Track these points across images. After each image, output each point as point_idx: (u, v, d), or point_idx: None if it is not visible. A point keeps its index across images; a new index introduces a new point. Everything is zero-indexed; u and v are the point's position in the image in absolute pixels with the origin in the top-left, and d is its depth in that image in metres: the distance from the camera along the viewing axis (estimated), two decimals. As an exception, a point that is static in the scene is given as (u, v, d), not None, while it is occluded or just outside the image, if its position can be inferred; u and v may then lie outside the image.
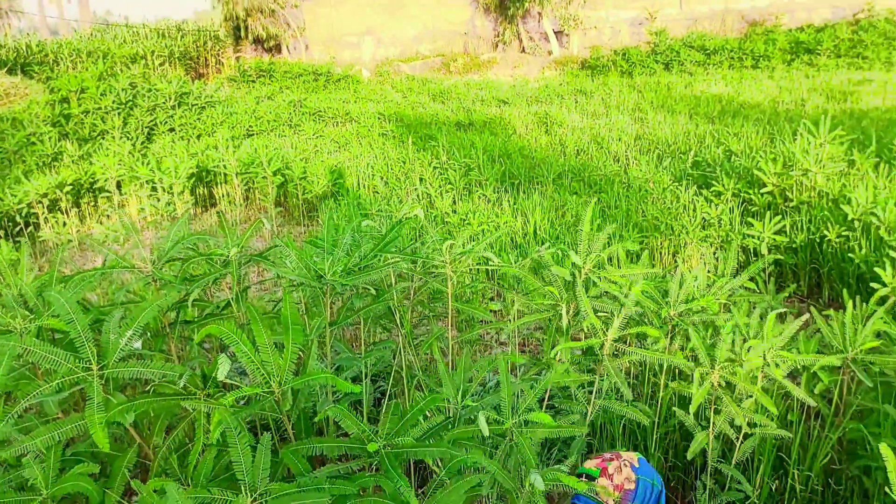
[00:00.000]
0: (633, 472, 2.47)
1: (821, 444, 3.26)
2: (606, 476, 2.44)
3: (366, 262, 3.05)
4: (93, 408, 2.06)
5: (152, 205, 8.16)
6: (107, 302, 3.59)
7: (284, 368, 2.12)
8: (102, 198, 8.89)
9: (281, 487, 1.95)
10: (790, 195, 6.75)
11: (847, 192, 6.24)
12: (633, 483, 2.44)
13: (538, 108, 14.38)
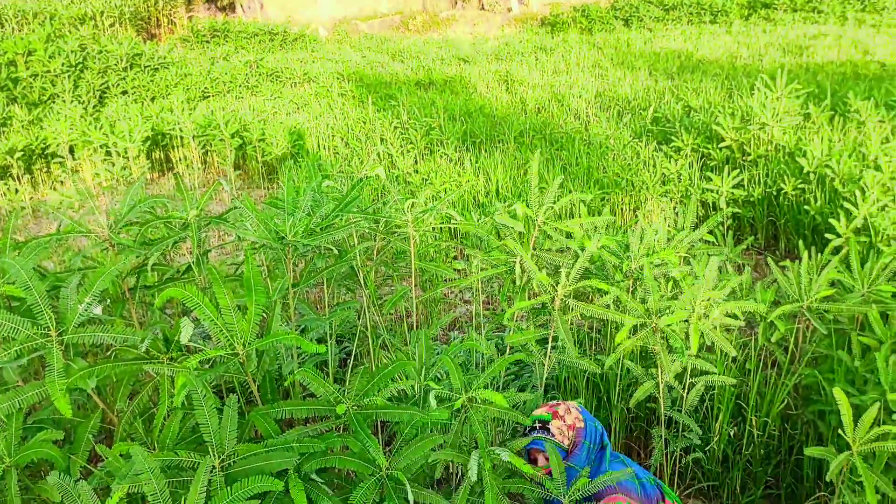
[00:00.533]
0: (580, 413, 2.59)
1: (777, 390, 3.36)
2: (558, 418, 2.54)
3: (327, 222, 3.03)
4: (53, 374, 2.03)
5: (107, 169, 7.98)
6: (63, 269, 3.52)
7: (248, 330, 2.11)
8: (55, 163, 8.66)
9: (248, 448, 1.96)
10: (748, 149, 6.84)
11: (803, 145, 6.34)
12: (583, 422, 2.56)
13: (499, 67, 14.28)
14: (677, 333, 2.86)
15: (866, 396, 2.89)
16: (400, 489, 2.11)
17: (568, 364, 3.12)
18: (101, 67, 11.80)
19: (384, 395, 2.23)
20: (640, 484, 2.42)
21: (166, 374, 2.14)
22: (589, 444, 2.52)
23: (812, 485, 3.21)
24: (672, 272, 3.28)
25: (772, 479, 3.40)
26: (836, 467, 2.45)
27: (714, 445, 3.33)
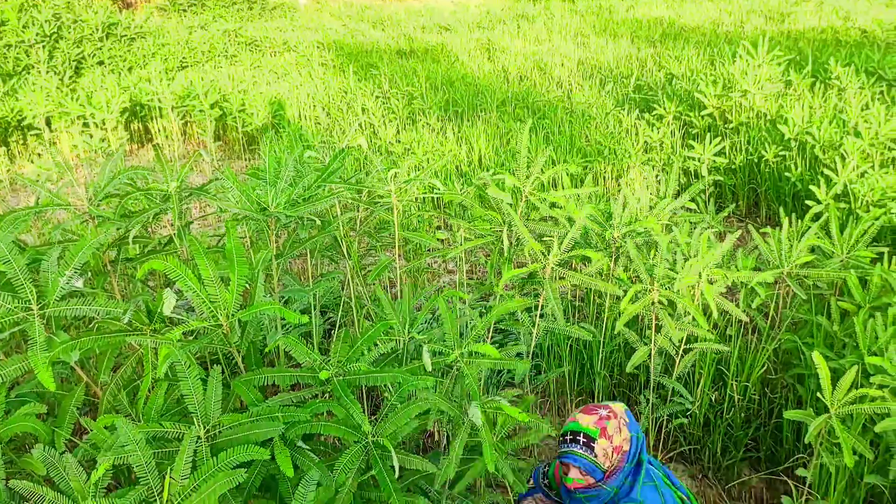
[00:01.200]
0: (629, 430, 2.28)
1: (757, 355, 3.41)
2: (606, 437, 2.22)
3: (310, 192, 3.00)
4: (35, 348, 2.02)
5: (85, 141, 7.87)
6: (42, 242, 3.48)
7: (231, 301, 2.10)
8: (32, 136, 8.52)
9: (234, 418, 1.96)
10: (730, 117, 6.85)
11: (784, 112, 6.35)
12: (629, 442, 2.26)
13: (480, 35, 14.17)
14: (687, 300, 2.90)
15: (844, 360, 2.93)
16: (386, 455, 2.13)
17: (558, 331, 3.15)
18: (77, 37, 11.56)
19: (368, 359, 2.24)
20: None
21: (149, 345, 2.14)
22: (628, 466, 2.27)
23: (791, 447, 3.27)
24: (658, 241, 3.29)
25: (752, 442, 3.46)
26: (815, 429, 2.50)
27: (696, 410, 3.38)
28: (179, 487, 1.76)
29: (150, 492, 1.76)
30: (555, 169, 3.40)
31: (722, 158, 5.74)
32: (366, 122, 8.09)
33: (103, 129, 8.40)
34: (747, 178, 6.11)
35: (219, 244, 3.72)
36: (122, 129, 8.63)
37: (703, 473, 3.40)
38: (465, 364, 2.40)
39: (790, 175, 5.56)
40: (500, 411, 2.37)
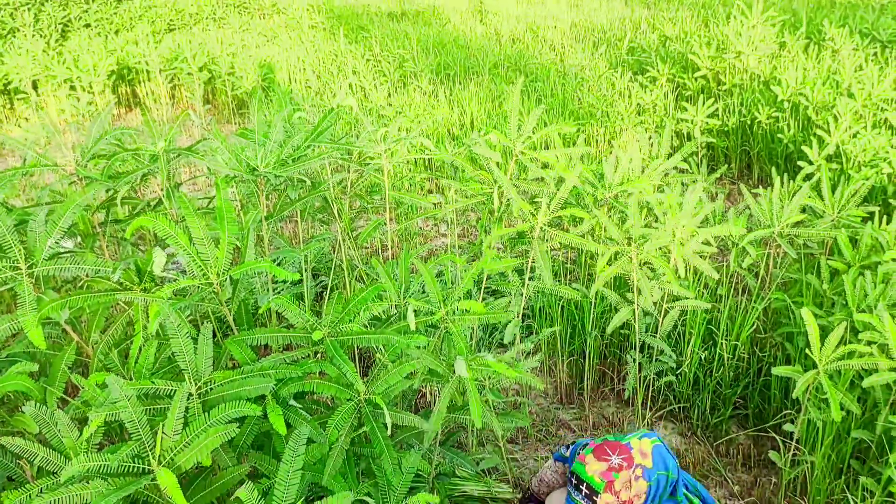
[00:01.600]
0: (646, 480, 2.06)
1: (747, 315, 3.43)
2: (612, 492, 2.03)
3: (299, 152, 2.98)
4: (25, 307, 2.01)
5: (73, 105, 7.77)
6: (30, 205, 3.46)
7: (221, 258, 2.09)
8: (18, 100, 8.42)
9: (225, 375, 1.96)
10: (723, 79, 6.81)
11: (778, 73, 6.32)
12: (644, 494, 2.06)
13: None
14: (660, 260, 2.89)
15: (833, 318, 2.95)
16: (379, 414, 2.14)
17: (547, 292, 3.15)
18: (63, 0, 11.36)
19: (361, 321, 2.24)
20: None
21: (140, 304, 2.13)
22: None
23: (779, 404, 3.31)
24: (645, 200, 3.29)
25: (740, 399, 3.50)
26: (803, 385, 2.52)
27: (685, 369, 3.41)
28: (171, 443, 1.77)
29: (142, 447, 1.77)
30: (546, 130, 3.38)
31: (715, 120, 5.71)
32: (356, 84, 8.01)
33: (90, 92, 8.30)
34: (740, 140, 6.09)
35: (208, 206, 3.70)
36: (110, 92, 8.53)
37: (692, 431, 3.43)
38: (451, 322, 2.40)
39: (783, 136, 5.54)
40: (487, 368, 2.38)
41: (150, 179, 3.63)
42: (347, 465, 2.23)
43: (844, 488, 2.78)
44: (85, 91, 8.26)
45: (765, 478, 3.14)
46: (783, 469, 2.86)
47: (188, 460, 1.73)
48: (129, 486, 1.66)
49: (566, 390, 3.76)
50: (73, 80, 8.21)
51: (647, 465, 2.07)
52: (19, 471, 2.22)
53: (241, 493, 1.76)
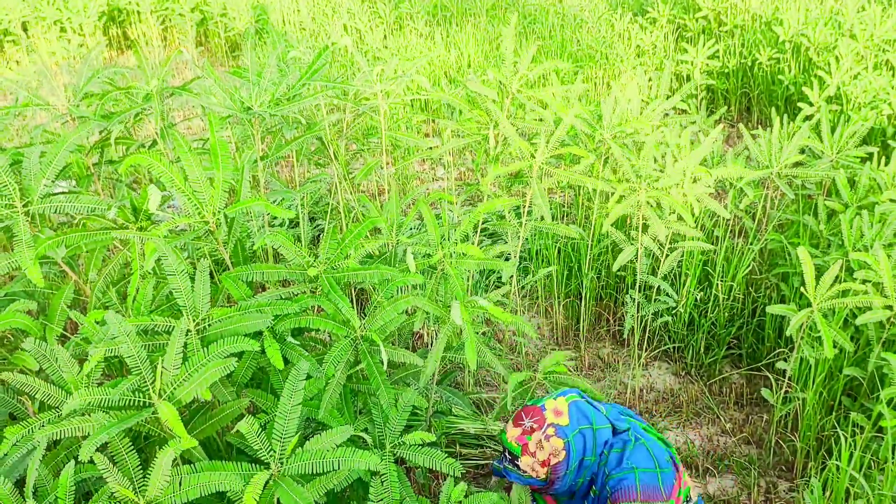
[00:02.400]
0: (561, 438, 2.10)
1: (743, 256, 3.44)
2: (528, 454, 2.11)
3: (294, 91, 2.94)
4: (22, 245, 2.01)
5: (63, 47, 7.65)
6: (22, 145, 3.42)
7: (217, 196, 2.08)
8: (9, 42, 8.27)
9: (223, 312, 1.97)
10: (725, 19, 6.70)
11: (780, 14, 6.22)
12: (563, 452, 2.10)
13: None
14: (672, 199, 2.89)
15: (829, 258, 2.97)
16: (375, 351, 2.16)
17: (546, 231, 3.15)
18: (48, -62, 11.08)
19: (356, 258, 2.24)
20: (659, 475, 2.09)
21: (136, 241, 2.13)
22: (573, 465, 2.11)
23: (773, 344, 3.34)
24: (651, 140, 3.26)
25: (734, 339, 3.53)
26: (797, 322, 2.55)
27: (681, 309, 3.43)
28: (171, 377, 1.79)
29: (142, 381, 1.79)
30: (543, 67, 3.33)
31: (715, 62, 5.64)
32: (352, 26, 7.87)
33: (81, 34, 8.16)
34: (740, 81, 6.03)
35: (203, 147, 3.66)
36: (101, 34, 8.38)
37: (686, 371, 3.48)
38: (449, 264, 2.41)
39: (783, 78, 5.49)
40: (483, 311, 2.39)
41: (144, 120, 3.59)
42: (344, 402, 2.26)
43: (835, 424, 2.83)
44: (75, 33, 8.13)
45: (756, 415, 3.19)
46: (775, 406, 2.90)
47: (188, 394, 1.75)
48: (130, 419, 1.68)
49: (563, 332, 3.79)
50: (64, 22, 8.07)
51: (561, 423, 2.12)
52: (21, 407, 2.25)
53: (241, 425, 1.79)
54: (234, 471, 1.75)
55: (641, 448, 2.12)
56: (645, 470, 2.06)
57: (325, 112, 3.80)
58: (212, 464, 1.75)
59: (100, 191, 3.19)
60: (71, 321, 2.84)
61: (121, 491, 1.65)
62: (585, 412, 2.18)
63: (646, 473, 2.06)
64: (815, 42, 5.46)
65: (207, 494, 1.69)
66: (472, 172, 5.38)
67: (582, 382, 2.56)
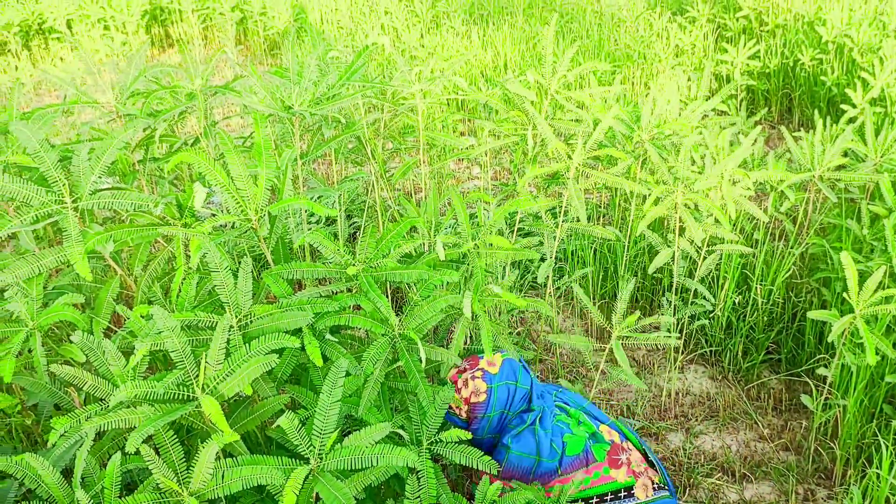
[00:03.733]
0: (486, 382, 2.43)
1: (784, 259, 3.40)
2: (456, 390, 2.43)
3: (333, 90, 2.98)
4: (71, 240, 2.06)
5: (107, 45, 7.80)
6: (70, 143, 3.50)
7: (260, 194, 2.12)
8: (53, 39, 8.46)
9: (264, 308, 2.01)
10: (766, 19, 6.61)
11: (823, 14, 6.12)
12: (483, 394, 2.42)
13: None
14: (709, 201, 2.87)
15: (872, 263, 2.92)
16: (413, 348, 2.18)
17: (581, 232, 3.14)
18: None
19: (394, 257, 2.27)
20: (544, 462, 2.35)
21: (181, 238, 2.17)
22: (493, 414, 2.43)
23: (812, 350, 3.30)
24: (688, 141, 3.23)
25: (773, 345, 3.49)
26: (839, 328, 2.51)
27: (718, 313, 3.40)
28: (214, 372, 1.82)
29: (186, 376, 1.83)
30: (581, 68, 3.32)
31: (756, 62, 5.57)
32: (389, 25, 7.91)
33: (124, 32, 8.32)
34: (781, 82, 5.94)
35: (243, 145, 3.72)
36: (143, 32, 8.53)
37: (723, 375, 3.44)
38: (476, 254, 2.42)
39: (826, 79, 5.40)
40: (498, 298, 2.41)
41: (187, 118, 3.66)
42: (382, 399, 2.28)
43: (876, 432, 2.79)
44: (119, 31, 8.28)
45: (795, 422, 3.15)
46: (815, 413, 2.87)
47: (230, 389, 1.79)
48: (175, 412, 1.71)
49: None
50: (107, 20, 8.22)
51: (490, 372, 2.44)
52: (68, 398, 2.31)
53: (282, 421, 1.82)
54: (275, 465, 1.78)
55: (527, 434, 2.39)
56: (518, 453, 2.36)
57: (363, 111, 3.83)
58: (253, 458, 1.79)
59: (143, 187, 3.25)
60: (116, 314, 2.91)
61: (165, 482, 1.69)
62: (515, 370, 2.48)
63: (518, 456, 2.36)
64: (859, 43, 5.36)
65: (248, 488, 1.73)
66: (508, 172, 5.38)
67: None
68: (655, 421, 3.20)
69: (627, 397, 3.35)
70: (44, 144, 2.17)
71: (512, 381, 2.46)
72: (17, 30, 7.99)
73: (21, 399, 2.60)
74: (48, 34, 8.50)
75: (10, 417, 2.60)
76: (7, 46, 8.04)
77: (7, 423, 2.72)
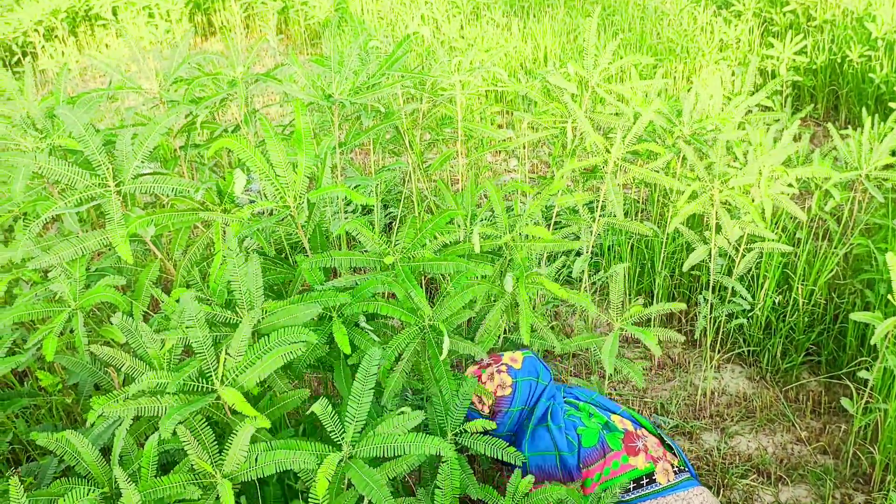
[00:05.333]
0: (510, 377, 2.42)
1: (827, 259, 3.32)
2: (479, 384, 2.41)
3: (374, 80, 2.98)
4: (113, 223, 2.10)
5: (151, 32, 7.91)
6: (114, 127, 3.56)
7: (299, 181, 2.13)
8: (99, 25, 8.61)
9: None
10: (814, 13, 6.46)
11: (873, 9, 5.96)
12: (509, 388, 2.40)
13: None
14: (744, 198, 2.81)
15: (919, 265, 2.84)
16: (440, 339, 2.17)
17: (617, 228, 3.11)
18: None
19: (431, 248, 2.26)
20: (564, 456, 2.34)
21: (220, 222, 2.19)
22: (515, 410, 2.41)
23: (854, 352, 3.23)
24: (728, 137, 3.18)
25: (813, 346, 3.42)
26: (883, 331, 2.45)
27: (757, 312, 3.34)
28: (233, 364, 1.84)
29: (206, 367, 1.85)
30: (623, 62, 3.28)
31: (802, 58, 5.44)
32: (429, 16, 7.90)
33: (168, 20, 8.42)
34: (828, 79, 5.81)
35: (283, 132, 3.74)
36: (187, 20, 8.64)
37: (761, 376, 3.39)
38: (515, 246, 2.41)
39: (874, 76, 5.26)
40: (539, 286, 2.39)
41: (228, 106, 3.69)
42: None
43: (918, 438, 2.72)
44: (163, 19, 8.39)
45: (834, 425, 3.09)
46: (855, 416, 2.81)
47: (250, 381, 1.80)
48: (196, 402, 1.74)
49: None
50: (152, 8, 8.34)
51: (514, 367, 2.44)
52: (107, 378, 2.35)
53: (315, 407, 1.83)
54: (309, 450, 1.79)
55: (542, 432, 2.38)
56: (536, 454, 2.36)
57: (401, 101, 3.84)
58: (286, 442, 1.80)
59: (184, 173, 3.30)
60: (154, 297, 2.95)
61: (199, 464, 1.72)
62: (536, 367, 2.48)
63: (538, 456, 2.35)
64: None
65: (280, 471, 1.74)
66: (546, 166, 5.35)
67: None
68: (690, 420, 3.17)
69: (662, 395, 3.31)
70: (89, 129, 2.20)
71: (533, 378, 2.45)
72: (63, 16, 8.14)
73: (62, 378, 2.66)
74: (94, 21, 8.65)
75: (51, 396, 2.67)
76: (54, 32, 8.19)
77: (48, 402, 2.79)
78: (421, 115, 3.82)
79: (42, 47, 7.95)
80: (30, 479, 2.28)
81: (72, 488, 1.71)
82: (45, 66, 7.55)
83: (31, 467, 2.35)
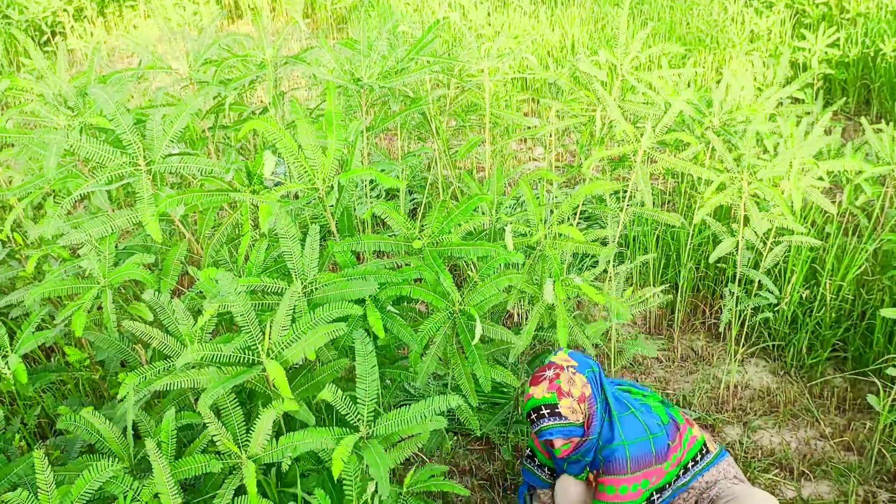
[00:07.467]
0: (581, 373, 2.19)
1: (856, 255, 3.28)
2: (565, 396, 2.13)
3: (402, 65, 2.97)
4: (143, 201, 2.11)
5: (179, 13, 7.94)
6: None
7: (328, 163, 2.13)
8: (127, 7, 8.65)
9: (329, 277, 2.02)
10: (847, 6, 6.35)
11: (909, 2, 5.86)
12: (589, 386, 2.18)
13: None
14: (773, 190, 2.78)
15: (952, 262, 2.80)
16: (472, 326, 2.17)
17: (645, 217, 3.08)
18: None
19: (457, 234, 2.26)
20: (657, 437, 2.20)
21: (249, 204, 2.20)
22: (599, 405, 2.21)
23: (882, 349, 3.19)
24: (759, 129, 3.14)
25: (840, 342, 3.38)
26: (914, 328, 2.42)
27: (784, 307, 3.31)
28: (279, 338, 1.85)
29: (251, 340, 1.86)
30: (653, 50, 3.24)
31: (835, 50, 5.36)
32: (456, 2, 7.86)
33: (195, 2, 8.44)
34: (860, 72, 5.72)
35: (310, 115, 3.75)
36: (214, 3, 8.66)
37: (785, 371, 3.36)
38: (548, 245, 2.39)
39: (909, 70, 5.17)
40: (577, 290, 2.37)
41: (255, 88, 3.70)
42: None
43: (946, 438, 2.69)
44: (190, 1, 8.41)
45: (859, 421, 3.06)
46: (881, 413, 2.77)
47: (295, 355, 1.81)
48: (241, 375, 1.75)
49: (656, 321, 3.72)
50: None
51: (574, 364, 2.21)
52: (134, 355, 2.37)
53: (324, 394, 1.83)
54: (329, 435, 1.80)
55: (631, 419, 2.22)
56: (635, 441, 2.18)
57: (429, 87, 3.83)
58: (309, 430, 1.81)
59: (212, 154, 3.31)
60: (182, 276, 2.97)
61: (225, 444, 1.73)
62: (584, 359, 2.28)
63: (636, 444, 2.17)
64: (948, 33, 5.13)
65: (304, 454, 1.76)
66: (571, 156, 5.32)
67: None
68: (712, 412, 3.15)
69: (684, 387, 3.30)
70: (120, 108, 2.21)
71: (589, 369, 2.26)
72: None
73: (90, 354, 2.69)
74: (122, 2, 8.69)
75: (78, 372, 2.70)
76: (83, 13, 8.24)
77: (75, 378, 2.82)
78: (448, 101, 3.81)
79: (71, 27, 8.00)
80: (57, 452, 2.31)
81: (92, 463, 1.72)
82: (73, 45, 7.61)
83: (57, 441, 2.38)
